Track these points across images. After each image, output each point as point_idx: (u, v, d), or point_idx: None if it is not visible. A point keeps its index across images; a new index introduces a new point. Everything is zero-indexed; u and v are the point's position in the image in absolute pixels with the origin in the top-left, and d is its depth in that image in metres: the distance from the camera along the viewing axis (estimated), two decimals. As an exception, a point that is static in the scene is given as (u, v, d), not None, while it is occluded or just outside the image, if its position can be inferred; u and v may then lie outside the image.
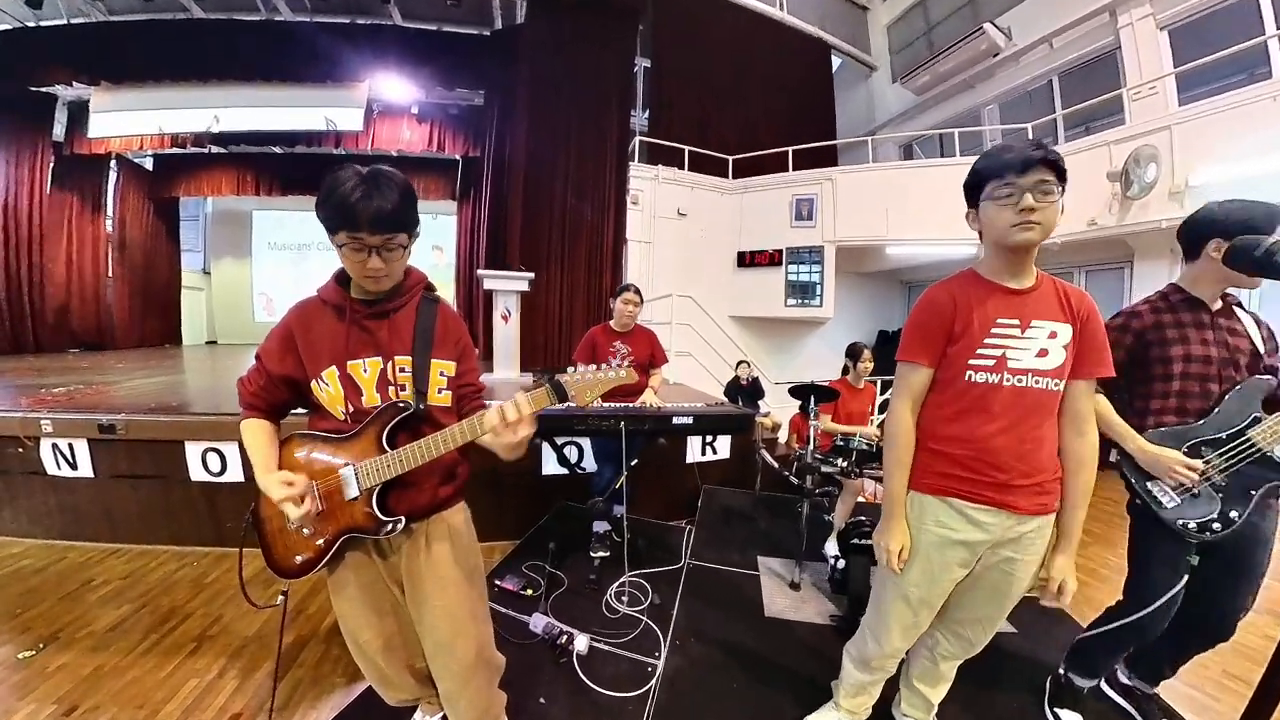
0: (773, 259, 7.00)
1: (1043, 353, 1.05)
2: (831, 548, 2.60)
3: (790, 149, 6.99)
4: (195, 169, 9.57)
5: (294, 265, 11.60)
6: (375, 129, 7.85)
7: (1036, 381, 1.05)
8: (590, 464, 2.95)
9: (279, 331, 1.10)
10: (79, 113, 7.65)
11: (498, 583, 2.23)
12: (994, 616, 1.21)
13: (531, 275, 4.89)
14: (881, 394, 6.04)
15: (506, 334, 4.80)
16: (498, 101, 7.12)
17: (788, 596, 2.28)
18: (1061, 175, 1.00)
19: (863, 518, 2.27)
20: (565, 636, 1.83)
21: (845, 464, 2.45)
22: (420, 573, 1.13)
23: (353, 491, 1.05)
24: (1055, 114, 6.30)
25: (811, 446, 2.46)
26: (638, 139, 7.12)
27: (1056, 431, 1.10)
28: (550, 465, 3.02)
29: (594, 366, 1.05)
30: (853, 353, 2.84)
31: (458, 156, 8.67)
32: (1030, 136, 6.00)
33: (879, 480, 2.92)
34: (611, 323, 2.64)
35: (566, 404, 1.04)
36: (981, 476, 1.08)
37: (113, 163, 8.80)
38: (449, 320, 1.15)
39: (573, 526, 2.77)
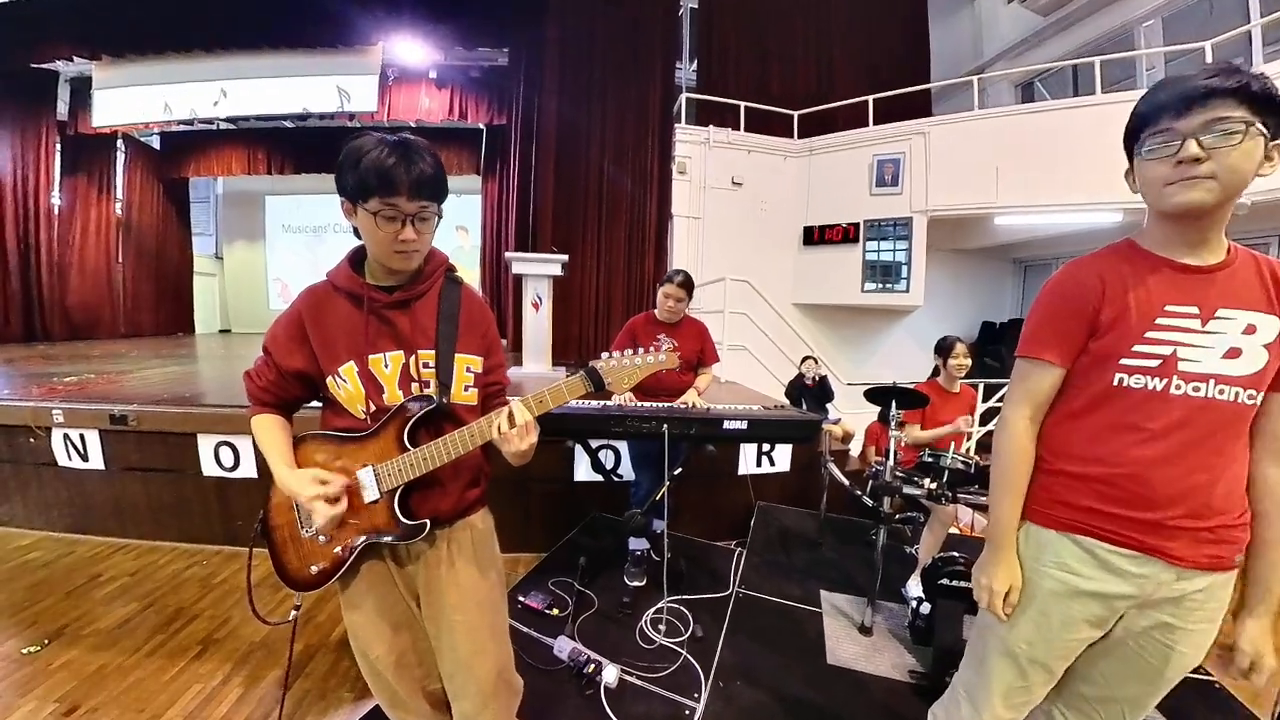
0: (847, 235, 6.80)
1: (1233, 353, 0.90)
2: (914, 588, 2.48)
3: (870, 98, 6.73)
4: (204, 147, 10.40)
5: (309, 249, 12.41)
6: (391, 97, 8.23)
7: (1221, 392, 0.91)
8: (628, 471, 2.97)
9: (288, 320, 1.13)
10: (82, 89, 8.44)
11: (521, 599, 2.30)
12: (1140, 699, 1.07)
13: (565, 258, 4.96)
14: (984, 400, 5.75)
15: (537, 323, 4.86)
16: (524, 60, 7.27)
17: (856, 642, 2.21)
18: (1265, 105, 0.83)
19: (955, 553, 2.13)
20: (593, 665, 1.87)
21: (934, 485, 2.33)
22: (441, 584, 1.18)
23: (372, 494, 1.10)
24: (1248, 24, 5.49)
25: (891, 462, 2.38)
26: (684, 96, 7.08)
27: (1247, 460, 0.96)
28: (583, 471, 3.06)
29: (631, 351, 1.07)
30: (943, 348, 2.71)
31: (481, 125, 8.97)
32: (1209, 60, 5.29)
33: (977, 508, 2.77)
34: (655, 311, 2.66)
35: (604, 403, 1.05)
36: (1128, 512, 0.96)
37: (119, 142, 9.69)
38: (474, 308, 1.20)
39: (606, 541, 2.81)
